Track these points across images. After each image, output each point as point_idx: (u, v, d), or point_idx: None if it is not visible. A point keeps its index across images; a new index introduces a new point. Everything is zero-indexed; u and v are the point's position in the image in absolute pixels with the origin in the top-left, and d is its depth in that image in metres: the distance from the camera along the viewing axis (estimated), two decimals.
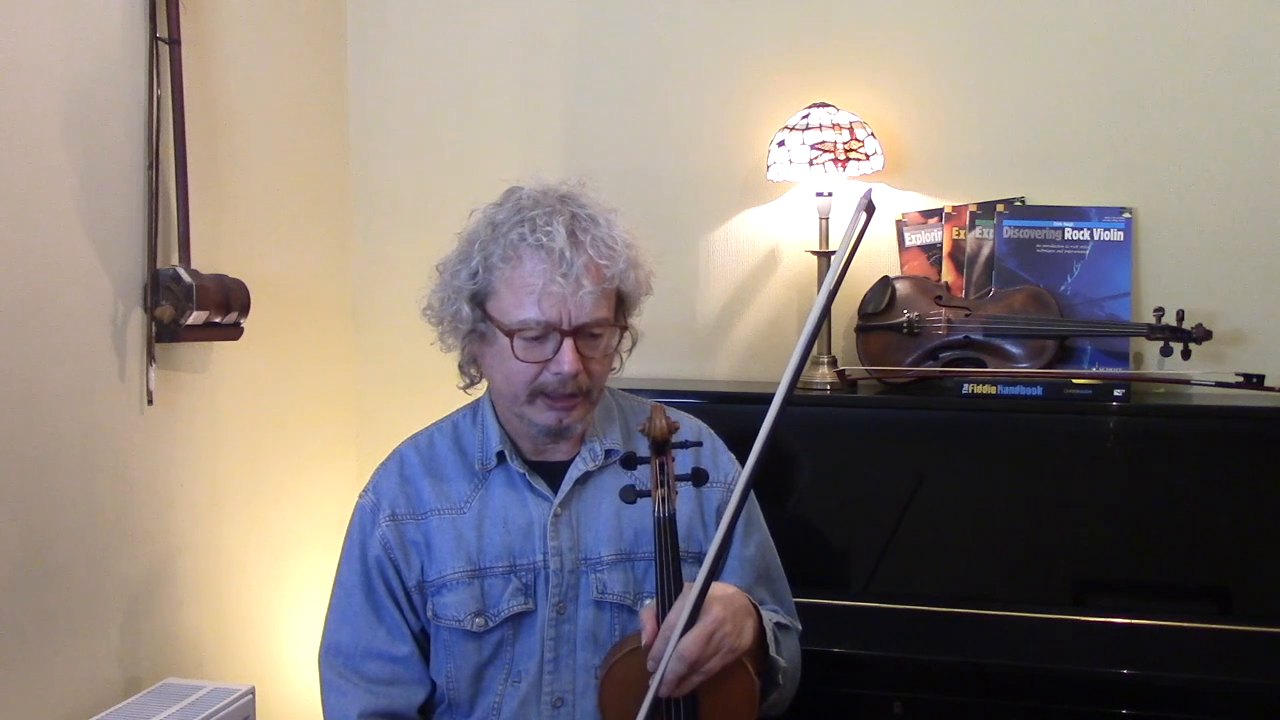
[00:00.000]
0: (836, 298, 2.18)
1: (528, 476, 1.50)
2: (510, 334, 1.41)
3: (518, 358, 1.41)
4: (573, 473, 1.51)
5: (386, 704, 1.48)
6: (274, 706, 2.27)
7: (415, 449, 1.56)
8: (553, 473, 1.52)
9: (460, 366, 1.54)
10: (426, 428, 1.60)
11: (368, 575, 1.50)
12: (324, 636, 1.53)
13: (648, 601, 1.37)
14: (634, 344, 1.54)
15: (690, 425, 1.62)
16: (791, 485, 2.10)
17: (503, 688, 1.48)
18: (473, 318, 1.44)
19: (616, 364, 1.53)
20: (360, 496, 1.55)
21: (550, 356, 1.41)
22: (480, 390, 1.58)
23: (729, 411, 2.10)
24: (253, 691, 1.88)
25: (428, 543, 1.50)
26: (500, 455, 1.51)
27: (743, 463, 1.25)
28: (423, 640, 1.52)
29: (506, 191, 1.49)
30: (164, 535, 1.99)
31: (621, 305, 1.49)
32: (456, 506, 1.51)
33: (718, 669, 1.31)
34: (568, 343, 1.40)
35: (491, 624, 1.47)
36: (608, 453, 1.53)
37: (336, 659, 1.50)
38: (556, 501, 1.49)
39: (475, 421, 1.56)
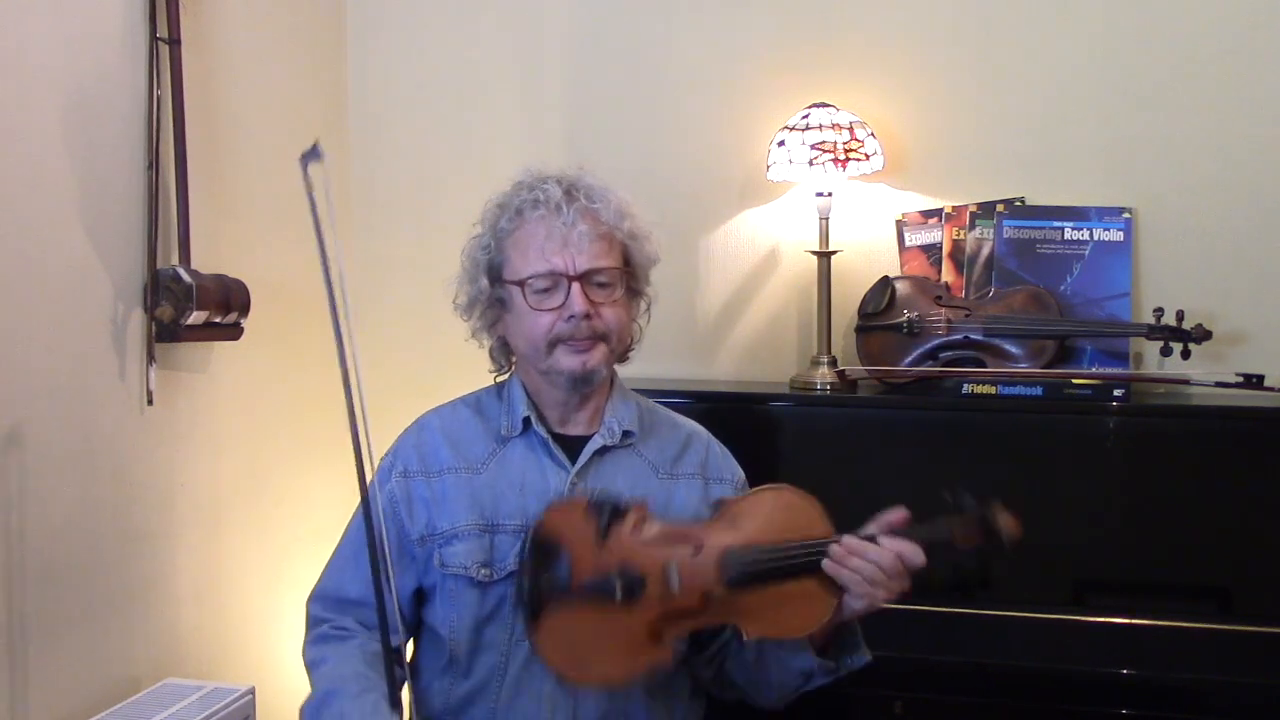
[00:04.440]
0: (835, 297, 2.23)
1: (550, 443, 1.55)
2: (521, 284, 1.49)
3: (531, 307, 1.49)
4: (592, 445, 1.56)
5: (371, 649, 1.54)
6: (274, 706, 2.27)
7: (438, 415, 1.64)
8: (572, 446, 1.57)
9: (491, 353, 1.63)
10: (453, 400, 1.67)
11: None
12: (318, 581, 1.61)
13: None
14: (649, 306, 1.62)
15: (694, 427, 1.67)
16: (791, 485, 2.09)
17: (507, 647, 1.51)
18: (491, 288, 1.54)
19: (635, 331, 1.61)
20: (382, 459, 1.61)
21: (561, 303, 1.48)
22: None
23: (729, 411, 2.10)
24: (253, 691, 1.88)
25: (439, 498, 1.55)
26: (526, 420, 1.57)
27: None
28: (414, 597, 1.58)
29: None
30: (164, 535, 1.99)
31: (630, 265, 1.56)
32: (473, 466, 1.56)
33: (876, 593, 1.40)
34: (575, 286, 1.48)
35: (497, 576, 1.51)
36: (625, 433, 1.58)
37: (323, 604, 1.59)
38: (574, 471, 1.54)
39: (501, 396, 1.62)
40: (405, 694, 1.52)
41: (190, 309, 1.91)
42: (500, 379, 1.64)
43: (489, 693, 1.51)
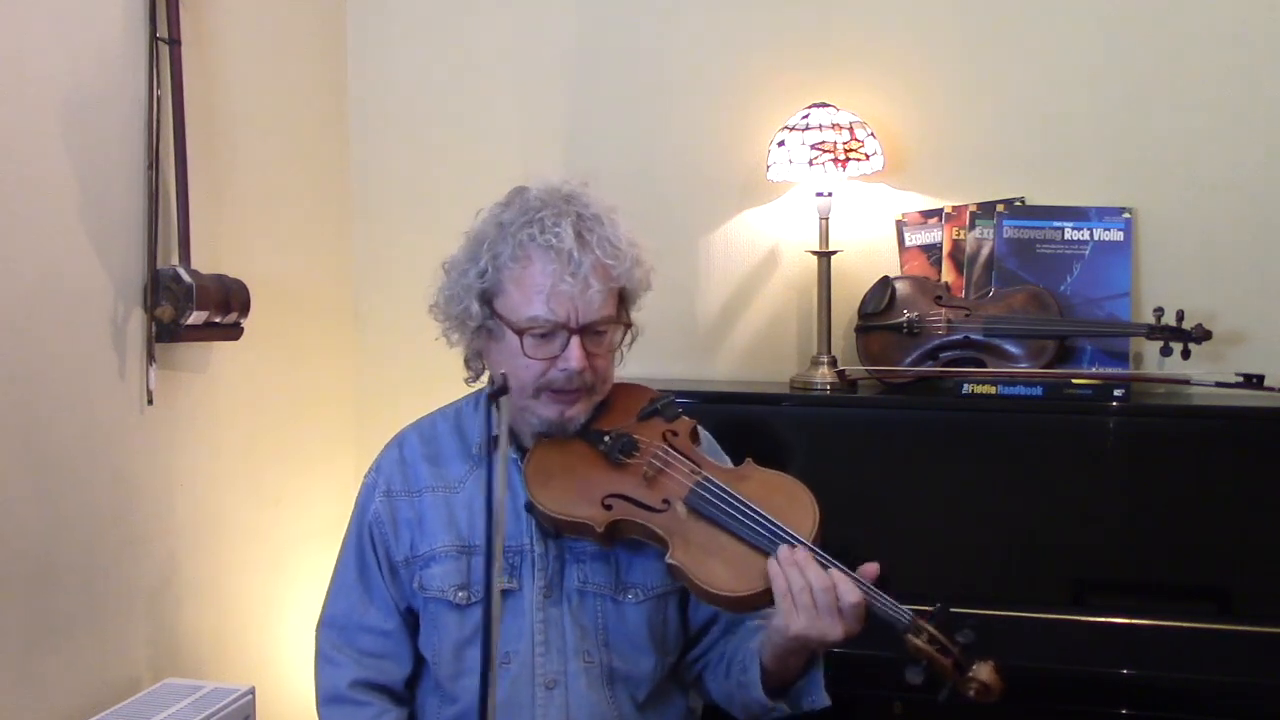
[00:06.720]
0: (835, 297, 2.23)
1: (519, 462, 1.53)
2: (520, 332, 1.45)
3: (526, 355, 1.45)
4: None
5: (376, 675, 1.55)
6: (274, 706, 2.27)
7: (418, 431, 1.62)
8: None
9: (466, 360, 1.59)
10: (431, 413, 1.65)
11: (362, 551, 1.57)
12: (323, 609, 1.60)
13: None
14: (634, 339, 1.58)
15: None
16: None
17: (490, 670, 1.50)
18: (481, 315, 1.48)
19: (618, 359, 1.57)
20: (365, 475, 1.61)
21: (558, 353, 1.45)
22: (483, 383, 1.60)
23: (728, 411, 2.11)
24: (253, 691, 1.88)
25: (420, 518, 1.54)
26: (495, 440, 1.52)
27: None
28: (407, 617, 1.57)
29: (512, 191, 1.53)
30: (164, 535, 1.99)
31: (623, 302, 1.53)
32: (450, 485, 1.55)
33: (833, 629, 1.34)
34: (575, 340, 1.44)
35: (475, 599, 1.50)
36: None
37: (331, 632, 1.58)
38: None
39: (478, 408, 1.60)
40: None
41: (190, 309, 1.91)
42: (471, 384, 1.62)
43: (474, 718, 1.50)
